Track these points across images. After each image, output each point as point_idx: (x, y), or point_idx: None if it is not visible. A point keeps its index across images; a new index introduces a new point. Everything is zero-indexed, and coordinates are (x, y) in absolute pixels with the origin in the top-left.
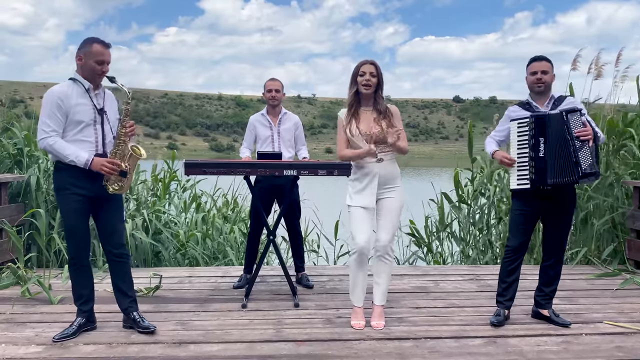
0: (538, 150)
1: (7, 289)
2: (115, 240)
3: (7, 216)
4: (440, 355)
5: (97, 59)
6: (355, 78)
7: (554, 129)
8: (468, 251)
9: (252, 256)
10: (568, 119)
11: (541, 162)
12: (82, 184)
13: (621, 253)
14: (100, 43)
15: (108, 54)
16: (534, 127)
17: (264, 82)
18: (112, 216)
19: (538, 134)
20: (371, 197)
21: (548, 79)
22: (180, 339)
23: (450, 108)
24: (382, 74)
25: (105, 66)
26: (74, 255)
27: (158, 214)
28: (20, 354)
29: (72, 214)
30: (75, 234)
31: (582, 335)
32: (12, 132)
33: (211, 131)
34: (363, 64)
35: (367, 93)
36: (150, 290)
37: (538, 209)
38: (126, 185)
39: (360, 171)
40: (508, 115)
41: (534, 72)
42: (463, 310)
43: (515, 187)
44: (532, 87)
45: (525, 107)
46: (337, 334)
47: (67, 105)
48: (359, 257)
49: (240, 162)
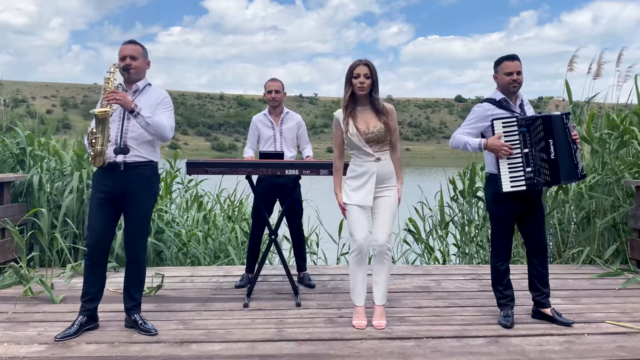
0: (549, 152)
1: (10, 288)
2: (134, 244)
3: (9, 215)
4: (442, 354)
5: (119, 55)
6: (349, 79)
7: (559, 130)
8: (464, 248)
9: (254, 255)
10: (567, 121)
11: (554, 164)
12: (103, 184)
13: (623, 253)
14: (125, 42)
15: (128, 49)
16: (542, 128)
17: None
18: (133, 218)
19: (547, 135)
20: (369, 196)
21: (521, 78)
22: (182, 338)
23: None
24: (376, 74)
25: (126, 60)
26: (89, 252)
27: (160, 213)
28: (23, 353)
29: (91, 212)
30: (92, 231)
31: (585, 335)
32: (15, 132)
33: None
34: (357, 65)
35: (362, 94)
36: (152, 290)
37: (515, 212)
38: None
39: (358, 170)
40: (482, 113)
41: (509, 72)
42: (465, 309)
43: (509, 189)
44: (508, 88)
45: (501, 106)
46: (338, 334)
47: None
48: (358, 254)
49: (242, 161)
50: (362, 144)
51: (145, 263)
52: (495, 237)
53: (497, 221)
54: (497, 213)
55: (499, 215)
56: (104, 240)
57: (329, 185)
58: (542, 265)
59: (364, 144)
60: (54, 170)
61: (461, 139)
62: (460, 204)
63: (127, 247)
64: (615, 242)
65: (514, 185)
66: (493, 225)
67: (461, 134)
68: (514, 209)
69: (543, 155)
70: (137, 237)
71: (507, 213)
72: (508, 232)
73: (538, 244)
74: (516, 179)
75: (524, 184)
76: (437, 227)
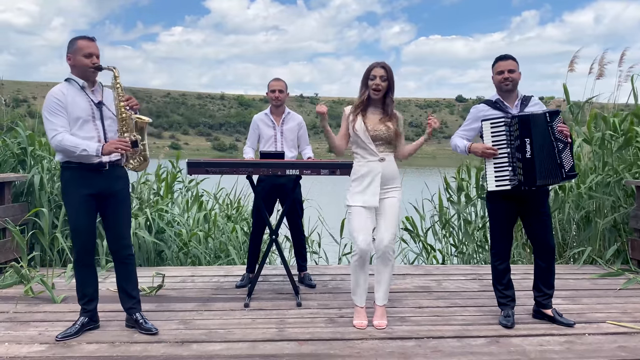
0: (524, 151)
1: (11, 288)
2: (121, 241)
3: (10, 215)
4: (443, 354)
5: (85, 52)
6: (366, 81)
7: (538, 129)
8: (462, 248)
9: (255, 255)
10: (551, 120)
11: (529, 163)
12: (86, 182)
13: (624, 253)
14: (84, 38)
15: (94, 47)
16: (517, 127)
17: (267, 82)
18: (119, 216)
19: (523, 135)
20: (374, 197)
21: (515, 77)
22: (183, 338)
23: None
24: (393, 76)
25: (94, 58)
26: (78, 255)
27: (161, 213)
28: (24, 352)
29: (76, 213)
30: (80, 233)
31: (585, 335)
32: (16, 131)
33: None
34: (374, 67)
35: (376, 98)
36: (153, 290)
37: (515, 210)
38: (142, 158)
39: (361, 170)
40: (475, 114)
41: (500, 71)
42: (465, 309)
43: (494, 188)
44: (500, 86)
45: (496, 107)
46: (339, 334)
47: (65, 102)
48: (360, 259)
49: (242, 161)
50: (368, 141)
51: (134, 258)
52: (493, 236)
53: (493, 220)
54: (492, 212)
55: (494, 214)
56: (92, 239)
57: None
58: (548, 267)
59: (369, 141)
60: (55, 170)
61: (454, 142)
62: (456, 204)
63: (116, 246)
64: (616, 242)
65: (499, 185)
66: (490, 224)
67: (457, 136)
68: (510, 208)
69: (518, 154)
70: (126, 234)
71: (502, 212)
72: (505, 231)
73: (543, 246)
74: (501, 178)
75: (508, 183)
76: (436, 224)
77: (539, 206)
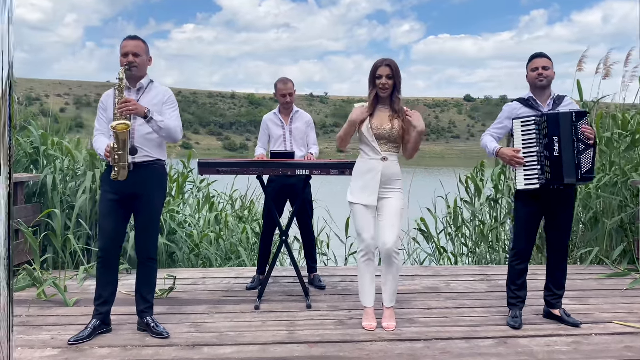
0: (552, 149)
1: (24, 291)
2: (143, 244)
3: (23, 217)
4: (451, 356)
5: (122, 52)
6: (373, 79)
7: (564, 128)
8: (474, 248)
9: (265, 257)
10: (577, 120)
11: (558, 161)
12: (110, 185)
13: (631, 253)
14: (127, 38)
15: (131, 45)
16: (546, 125)
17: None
18: (142, 219)
19: (552, 133)
20: (373, 196)
21: (549, 74)
22: (194, 342)
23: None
24: (399, 74)
25: (129, 57)
26: (100, 254)
27: (172, 214)
28: (37, 357)
29: (101, 213)
30: (103, 233)
31: (592, 336)
32: (28, 130)
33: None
34: (379, 65)
35: (384, 96)
36: (164, 292)
37: (541, 209)
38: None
39: (363, 168)
40: (509, 112)
41: (535, 68)
42: (474, 310)
43: (523, 187)
44: (535, 83)
45: (528, 105)
46: (349, 336)
47: (106, 104)
48: (366, 255)
49: (253, 161)
50: (372, 139)
51: (156, 263)
52: (516, 236)
53: (518, 219)
54: (519, 211)
55: (520, 213)
56: (116, 241)
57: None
58: (559, 266)
59: (373, 139)
60: (68, 170)
61: (484, 141)
62: (471, 205)
63: (138, 247)
64: (623, 243)
65: (528, 184)
66: (515, 223)
67: (488, 134)
68: (537, 209)
69: (546, 152)
70: (149, 237)
71: (529, 212)
72: (529, 232)
73: (557, 246)
74: (530, 177)
75: (537, 182)
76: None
77: (565, 207)
